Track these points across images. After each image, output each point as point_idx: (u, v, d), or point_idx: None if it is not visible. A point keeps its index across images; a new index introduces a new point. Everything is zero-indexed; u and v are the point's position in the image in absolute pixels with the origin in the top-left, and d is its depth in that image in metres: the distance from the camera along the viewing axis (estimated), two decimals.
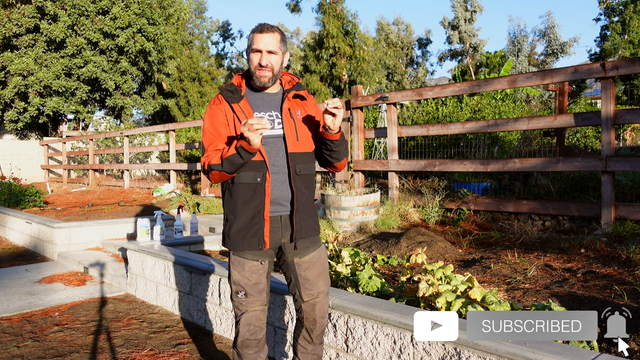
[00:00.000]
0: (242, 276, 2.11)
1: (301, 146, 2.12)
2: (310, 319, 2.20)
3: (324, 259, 2.23)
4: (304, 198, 2.14)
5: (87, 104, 18.94)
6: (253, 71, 2.08)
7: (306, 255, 2.17)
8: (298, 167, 2.09)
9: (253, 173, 2.04)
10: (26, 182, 15.04)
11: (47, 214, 7.95)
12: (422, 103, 10.98)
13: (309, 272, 2.17)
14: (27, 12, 16.05)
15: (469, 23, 28.08)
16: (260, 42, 2.04)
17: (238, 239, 2.09)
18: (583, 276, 3.25)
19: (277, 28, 2.08)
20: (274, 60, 2.06)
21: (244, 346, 2.13)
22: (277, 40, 2.06)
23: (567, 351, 1.80)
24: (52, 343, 3.34)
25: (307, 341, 2.25)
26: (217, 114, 2.11)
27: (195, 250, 4.75)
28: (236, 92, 2.11)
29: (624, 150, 10.29)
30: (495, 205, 5.61)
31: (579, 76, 5.01)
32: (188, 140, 14.53)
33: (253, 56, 2.07)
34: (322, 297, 2.20)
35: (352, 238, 5.11)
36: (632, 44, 23.73)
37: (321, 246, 2.24)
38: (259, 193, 2.05)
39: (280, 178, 2.08)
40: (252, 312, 2.12)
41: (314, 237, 2.20)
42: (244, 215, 2.07)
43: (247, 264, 2.10)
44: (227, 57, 35.41)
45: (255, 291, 2.11)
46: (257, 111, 2.11)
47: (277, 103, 2.15)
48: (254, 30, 2.07)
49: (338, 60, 19.92)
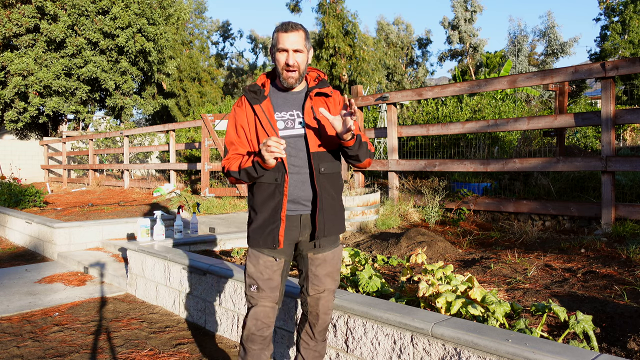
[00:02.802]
0: (256, 270, 2.13)
1: (325, 145, 2.10)
2: (313, 312, 2.21)
3: (337, 259, 2.23)
4: (329, 197, 2.12)
5: (87, 104, 18.94)
6: (280, 72, 2.07)
7: (321, 252, 2.17)
8: (321, 166, 2.08)
9: (272, 174, 2.05)
10: (26, 182, 15.05)
11: (47, 214, 7.95)
12: (422, 103, 10.97)
13: (319, 269, 2.18)
14: (27, 12, 16.05)
15: (469, 23, 28.07)
16: (286, 41, 2.01)
17: (255, 236, 2.12)
18: (583, 276, 3.25)
19: (301, 25, 2.06)
20: (300, 59, 2.04)
21: (249, 340, 2.13)
22: (302, 39, 2.03)
23: (567, 351, 1.80)
24: (52, 343, 3.34)
25: (309, 336, 2.26)
26: (240, 116, 2.12)
27: (195, 250, 4.75)
28: (259, 93, 2.10)
29: (624, 150, 10.28)
30: (495, 205, 5.61)
31: (579, 76, 5.01)
32: (188, 140, 14.53)
33: (279, 56, 2.04)
34: (327, 294, 2.21)
35: (352, 238, 5.11)
36: (632, 44, 23.73)
37: (338, 246, 2.23)
38: (277, 193, 2.06)
39: (301, 178, 2.07)
40: (262, 308, 2.13)
41: (334, 237, 2.20)
42: (263, 213, 2.09)
43: (262, 259, 2.12)
44: (227, 57, 35.46)
45: (267, 287, 2.12)
46: (278, 111, 2.10)
47: (299, 102, 2.13)
48: (278, 30, 2.03)
49: (338, 60, 19.92)
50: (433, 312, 2.34)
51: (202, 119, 9.35)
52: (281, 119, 2.09)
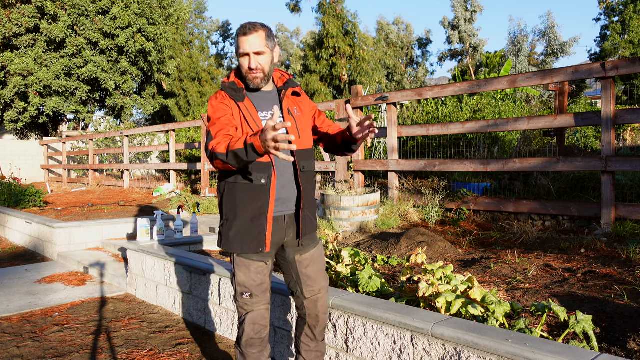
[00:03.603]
0: (248, 277, 2.09)
1: (303, 143, 2.12)
2: (312, 315, 2.21)
3: (322, 255, 2.26)
4: (308, 195, 2.15)
5: (87, 104, 18.94)
6: (245, 75, 2.06)
7: (307, 252, 2.18)
8: (302, 164, 2.10)
9: (257, 174, 2.00)
10: (26, 182, 15.05)
11: (47, 214, 7.95)
12: (422, 103, 10.97)
13: (309, 269, 2.18)
14: (27, 12, 16.05)
15: (469, 23, 28.08)
16: (246, 44, 1.99)
17: (236, 241, 2.05)
18: (583, 276, 3.25)
19: (261, 25, 2.02)
20: (263, 61, 2.02)
21: (248, 345, 2.12)
22: (262, 39, 2.00)
23: (567, 351, 1.80)
24: (52, 343, 3.34)
25: (310, 338, 2.26)
26: (224, 108, 2.05)
27: (195, 250, 4.75)
28: (238, 91, 2.09)
29: (624, 150, 10.28)
30: (495, 205, 5.61)
31: (579, 76, 5.01)
32: (188, 140, 14.53)
33: (242, 60, 2.03)
34: (323, 293, 2.22)
35: (352, 238, 5.11)
36: (632, 44, 23.73)
37: (319, 243, 2.26)
38: (262, 194, 2.01)
39: (286, 177, 2.07)
40: (257, 312, 2.12)
41: (314, 234, 2.23)
42: (245, 215, 2.04)
43: (253, 265, 2.09)
44: (227, 57, 35.46)
45: (260, 291, 2.11)
46: (260, 111, 2.09)
47: (275, 101, 2.14)
48: (237, 34, 2.02)
49: (338, 60, 19.92)
50: (433, 312, 2.34)
51: (202, 119, 9.35)
52: (265, 119, 2.07)
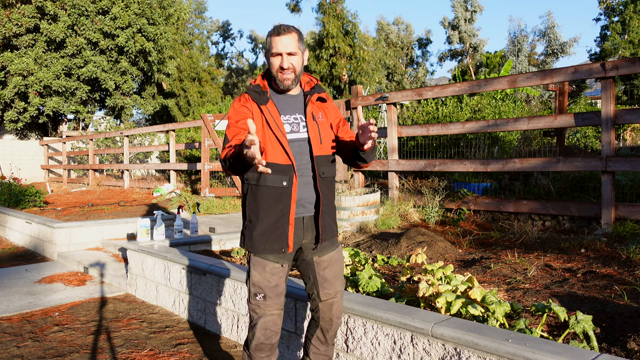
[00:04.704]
0: (263, 277, 2.09)
1: (324, 149, 2.13)
2: (326, 318, 2.21)
3: (341, 259, 2.25)
4: (327, 200, 2.15)
5: (87, 104, 18.94)
6: (275, 75, 2.07)
7: (325, 254, 2.18)
8: (322, 170, 2.11)
9: (280, 177, 2.02)
10: (26, 182, 15.05)
11: (47, 214, 7.95)
12: (422, 103, 10.97)
13: (327, 271, 2.18)
14: (27, 12, 16.05)
15: (469, 23, 28.07)
16: (279, 44, 2.01)
17: (260, 242, 2.07)
18: (583, 276, 3.25)
19: (294, 28, 2.06)
20: (295, 62, 2.05)
21: (257, 350, 2.12)
22: (295, 41, 2.04)
23: (567, 351, 1.80)
24: (52, 343, 3.34)
25: (321, 341, 2.26)
26: (245, 112, 2.07)
27: (195, 250, 4.75)
28: (262, 94, 2.10)
29: (624, 150, 10.28)
30: (495, 205, 5.61)
31: (579, 76, 5.01)
32: (188, 140, 14.53)
33: (273, 60, 2.05)
34: (339, 297, 2.22)
35: (352, 238, 5.11)
36: (632, 44, 23.73)
37: (339, 246, 2.25)
38: (284, 196, 2.04)
39: (305, 180, 2.09)
40: (270, 317, 2.10)
41: (334, 238, 2.23)
42: (268, 218, 2.06)
43: (269, 265, 2.09)
44: (227, 57, 35.46)
45: (274, 294, 2.10)
46: (282, 114, 2.10)
47: (300, 105, 2.15)
48: (271, 34, 2.05)
49: (338, 60, 19.91)
50: (433, 312, 2.34)
51: (202, 119, 9.35)
52: (287, 122, 2.09)
